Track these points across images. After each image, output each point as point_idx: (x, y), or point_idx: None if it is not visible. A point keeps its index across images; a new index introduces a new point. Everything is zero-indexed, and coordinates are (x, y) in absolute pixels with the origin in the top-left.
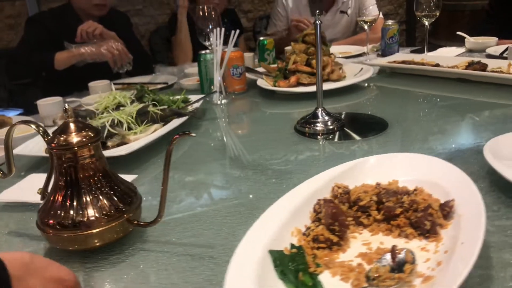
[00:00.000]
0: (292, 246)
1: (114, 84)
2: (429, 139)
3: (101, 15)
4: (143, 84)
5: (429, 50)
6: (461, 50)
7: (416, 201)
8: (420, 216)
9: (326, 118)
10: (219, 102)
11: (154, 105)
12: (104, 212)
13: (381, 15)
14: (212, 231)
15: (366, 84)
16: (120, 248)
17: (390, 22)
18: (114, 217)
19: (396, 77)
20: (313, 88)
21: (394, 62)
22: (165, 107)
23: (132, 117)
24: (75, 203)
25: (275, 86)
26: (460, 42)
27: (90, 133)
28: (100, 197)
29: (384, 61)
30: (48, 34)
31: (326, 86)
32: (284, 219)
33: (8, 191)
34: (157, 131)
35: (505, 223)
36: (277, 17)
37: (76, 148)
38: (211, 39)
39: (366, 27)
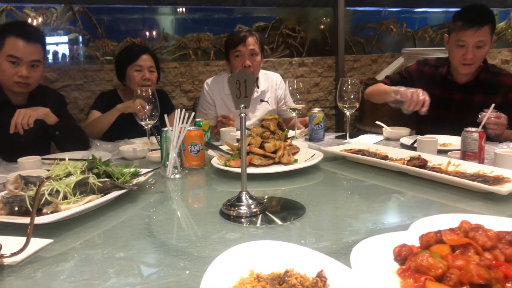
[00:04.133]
0: None
1: (45, 159)
2: (339, 227)
3: (24, 92)
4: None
5: (354, 136)
6: (380, 138)
7: None
8: None
9: (250, 201)
10: (172, 177)
11: (97, 177)
12: None
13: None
14: None
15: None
16: None
17: (316, 110)
18: None
19: (345, 164)
20: (260, 170)
21: (350, 150)
22: (106, 179)
23: (70, 187)
24: None
25: (226, 165)
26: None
27: None
28: None
29: (338, 149)
30: None
31: (274, 169)
32: None
33: None
34: (89, 203)
35: None
36: (206, 107)
37: None
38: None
39: (294, 114)
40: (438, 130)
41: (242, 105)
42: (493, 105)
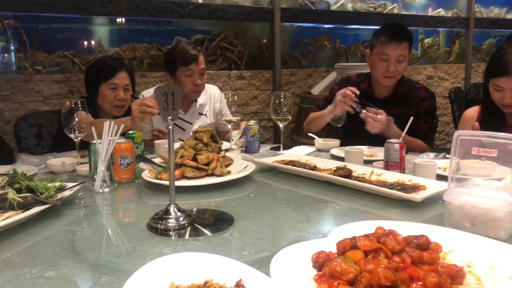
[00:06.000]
0: None
1: None
2: (266, 237)
3: None
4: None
5: (288, 147)
6: (312, 149)
7: None
8: None
9: (179, 214)
10: (100, 191)
11: (18, 192)
12: None
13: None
14: None
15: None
16: None
17: (251, 122)
18: None
19: (277, 175)
20: (192, 182)
21: (282, 161)
22: (28, 194)
23: None
24: None
25: (157, 178)
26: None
27: None
28: None
29: (270, 160)
30: None
31: (206, 181)
32: None
33: None
34: (7, 219)
35: None
36: None
37: None
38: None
39: (229, 126)
40: (363, 142)
41: (170, 117)
42: (411, 118)
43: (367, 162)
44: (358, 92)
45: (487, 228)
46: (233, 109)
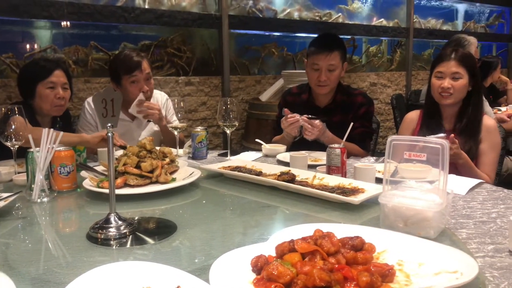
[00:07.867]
0: None
1: None
2: (208, 244)
3: None
4: None
5: (237, 153)
6: (260, 154)
7: None
8: None
9: (119, 222)
10: (38, 201)
11: None
12: None
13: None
14: None
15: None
16: None
17: (199, 128)
18: None
19: (223, 181)
20: (135, 190)
21: (229, 167)
22: None
23: None
24: None
25: (99, 187)
26: None
27: None
28: None
29: (217, 166)
30: None
31: (149, 188)
32: None
33: None
34: None
35: None
36: (86, 127)
37: None
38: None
39: (176, 132)
40: (308, 147)
41: (109, 125)
42: (351, 124)
43: (311, 167)
44: (298, 118)
45: (418, 228)
46: (179, 115)
